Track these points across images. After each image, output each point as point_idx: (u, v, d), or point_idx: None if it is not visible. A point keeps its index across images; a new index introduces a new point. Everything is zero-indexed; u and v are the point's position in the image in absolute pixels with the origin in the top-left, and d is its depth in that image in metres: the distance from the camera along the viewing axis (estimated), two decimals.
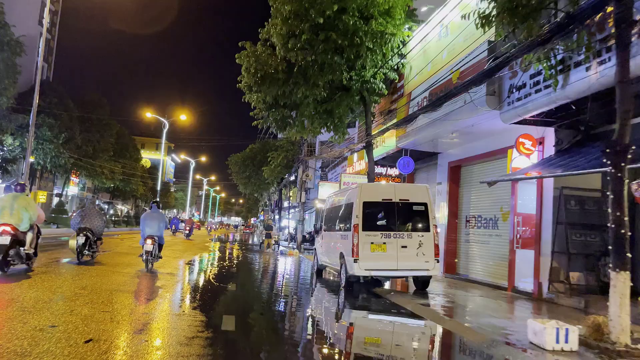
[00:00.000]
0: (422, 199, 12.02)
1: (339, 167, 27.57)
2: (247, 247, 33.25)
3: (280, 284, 14.01)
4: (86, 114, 47.47)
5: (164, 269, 13.82)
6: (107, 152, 51.24)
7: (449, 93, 11.69)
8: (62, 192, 51.52)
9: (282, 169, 35.67)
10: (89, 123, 48.03)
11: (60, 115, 42.51)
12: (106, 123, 50.12)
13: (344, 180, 20.57)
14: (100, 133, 49.39)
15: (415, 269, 11.68)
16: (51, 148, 41.88)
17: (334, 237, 13.69)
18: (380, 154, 19.14)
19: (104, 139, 50.13)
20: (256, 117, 18.31)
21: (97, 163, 49.92)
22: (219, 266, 18.16)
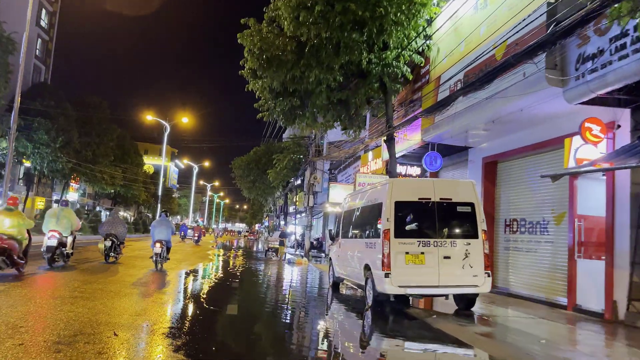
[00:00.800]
0: (468, 198, 9.60)
1: (351, 168, 25.15)
2: (251, 254, 30.81)
3: (290, 304, 11.55)
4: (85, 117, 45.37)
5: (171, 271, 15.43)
6: (108, 157, 49.03)
7: (498, 67, 9.30)
8: (61, 197, 49.13)
9: (288, 172, 33.28)
10: (88, 127, 45.88)
11: (57, 118, 40.34)
12: (106, 127, 47.97)
13: (359, 180, 18.19)
14: (100, 137, 47.21)
15: (462, 285, 9.24)
16: (48, 152, 39.66)
17: (356, 246, 11.27)
18: (400, 151, 16.74)
19: (104, 144, 47.94)
20: (261, 109, 15.95)
21: (97, 168, 47.69)
22: (219, 280, 15.73)
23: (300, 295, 12.82)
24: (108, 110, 48.69)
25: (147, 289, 10.77)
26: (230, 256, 27.27)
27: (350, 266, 11.61)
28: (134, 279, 12.34)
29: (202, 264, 19.36)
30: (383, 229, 9.24)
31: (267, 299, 11.74)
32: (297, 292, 13.43)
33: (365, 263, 10.12)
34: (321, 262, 24.74)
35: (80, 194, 56.19)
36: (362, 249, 10.51)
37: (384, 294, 9.34)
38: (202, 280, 14.68)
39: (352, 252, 11.52)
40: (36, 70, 45.15)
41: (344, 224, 12.64)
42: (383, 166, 19.10)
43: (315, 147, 29.17)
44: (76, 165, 44.92)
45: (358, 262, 10.73)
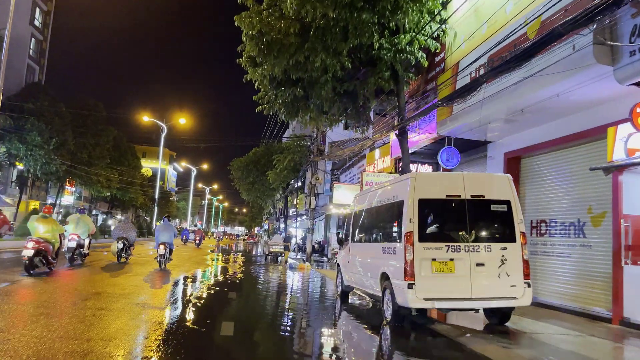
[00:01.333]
0: (503, 195, 8.16)
1: (355, 168, 23.72)
2: (250, 259, 29.31)
3: (294, 319, 10.09)
4: (80, 118, 43.94)
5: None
6: (104, 159, 47.56)
7: (542, 39, 7.88)
8: (55, 201, 47.65)
9: (288, 173, 31.80)
10: (83, 128, 44.41)
11: (51, 119, 38.90)
12: (102, 128, 46.50)
13: (367, 179, 16.74)
14: (95, 139, 45.77)
15: (498, 297, 7.80)
16: (41, 154, 38.16)
17: (370, 251, 9.82)
18: (409, 148, 15.35)
19: (100, 145, 46.47)
20: (260, 102, 14.52)
21: (93, 170, 46.20)
22: (216, 288, 14.27)
23: (305, 307, 11.34)
24: (104, 112, 47.25)
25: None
26: (230, 261, 25.79)
27: (362, 274, 10.15)
28: (142, 275, 14.19)
29: (200, 270, 17.89)
30: (405, 232, 7.79)
31: (268, 312, 10.26)
32: (301, 303, 11.95)
33: (383, 271, 8.67)
34: (323, 267, 23.27)
35: (76, 197, 54.68)
36: (378, 255, 9.06)
37: (405, 308, 7.88)
38: (198, 288, 13.20)
39: (365, 258, 10.07)
40: (30, 70, 43.72)
41: (354, 227, 11.18)
42: (391, 164, 17.68)
43: (317, 147, 27.76)
44: (71, 167, 43.50)
45: (373, 270, 9.28)
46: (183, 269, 17.56)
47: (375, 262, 9.23)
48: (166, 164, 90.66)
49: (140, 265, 17.08)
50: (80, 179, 46.59)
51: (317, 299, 12.56)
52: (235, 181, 39.46)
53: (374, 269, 9.20)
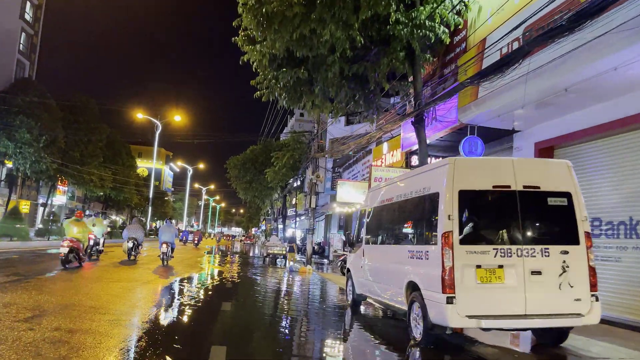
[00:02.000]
0: (563, 185, 6.52)
1: (359, 164, 22.06)
2: (247, 261, 27.60)
3: (299, 336, 8.40)
4: (72, 115, 42.20)
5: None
6: (97, 157, 45.75)
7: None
8: (47, 201, 45.81)
9: (287, 171, 30.12)
10: (75, 126, 42.66)
11: (41, 116, 37.12)
12: (95, 126, 44.69)
13: (376, 175, 15.10)
14: (88, 137, 43.96)
15: (559, 314, 6.15)
16: (31, 152, 36.35)
17: (391, 255, 8.14)
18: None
19: (92, 144, 44.70)
20: (259, 87, 12.84)
21: (85, 169, 44.38)
22: (209, 294, 12.58)
23: (311, 321, 9.66)
24: (97, 109, 45.50)
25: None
26: (226, 262, 24.09)
27: (381, 282, 8.48)
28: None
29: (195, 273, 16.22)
30: (442, 232, 6.13)
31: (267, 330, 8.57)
32: (306, 316, 10.27)
33: (409, 280, 7.01)
34: (325, 270, 21.59)
35: (69, 197, 52.81)
36: (403, 260, 7.39)
37: (442, 327, 6.22)
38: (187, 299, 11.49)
39: (385, 263, 8.39)
40: (19, 65, 41.91)
41: (368, 227, 9.51)
42: (402, 158, 16.04)
43: (318, 143, 26.12)
44: (62, 166, 41.73)
45: (395, 278, 7.62)
46: (180, 269, 17.61)
47: (398, 268, 7.57)
48: (162, 164, 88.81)
49: (147, 263, 18.78)
50: (72, 178, 44.79)
51: (324, 309, 10.87)
52: (231, 180, 37.65)
53: (397, 277, 7.54)
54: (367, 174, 20.64)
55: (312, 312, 10.38)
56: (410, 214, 7.49)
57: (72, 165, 42.67)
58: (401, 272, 7.39)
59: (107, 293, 9.97)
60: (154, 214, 66.43)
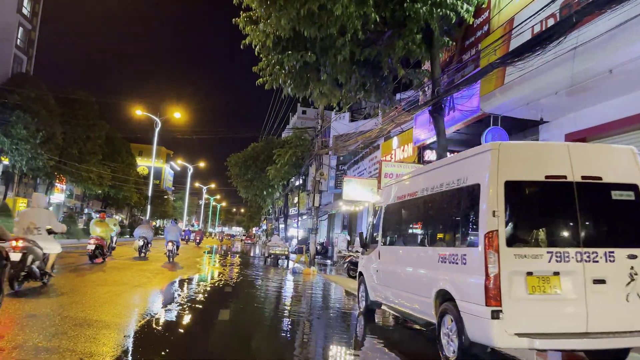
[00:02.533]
0: (628, 177, 5.40)
1: (366, 161, 20.94)
2: (248, 261, 26.47)
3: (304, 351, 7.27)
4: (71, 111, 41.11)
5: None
6: (96, 155, 44.66)
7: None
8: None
9: (290, 169, 29.00)
10: (74, 122, 41.59)
11: (38, 112, 36.08)
12: (94, 123, 43.56)
13: (387, 171, 13.98)
14: (86, 134, 42.86)
15: (629, 331, 5.02)
16: (27, 148, 35.34)
17: (416, 258, 7.00)
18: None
19: (92, 141, 43.61)
20: (262, 74, 11.72)
21: (84, 167, 43.30)
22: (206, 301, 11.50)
23: (319, 332, 8.53)
24: (96, 106, 44.37)
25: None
26: (227, 263, 22.97)
27: (401, 289, 7.34)
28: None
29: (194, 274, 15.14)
30: (486, 231, 5.01)
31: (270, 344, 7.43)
32: (313, 326, 9.14)
33: (440, 289, 5.89)
34: (328, 271, 20.45)
35: (67, 195, 51.68)
36: (431, 264, 6.27)
37: (481, 345, 5.10)
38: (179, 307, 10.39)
39: (406, 267, 7.24)
40: (17, 60, 40.85)
41: (385, 225, 8.36)
42: (414, 153, 14.93)
43: (321, 139, 25.03)
44: (60, 163, 40.68)
45: (421, 285, 6.51)
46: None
47: (425, 274, 6.45)
48: (163, 162, 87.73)
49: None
50: (70, 175, 43.74)
51: (332, 318, 9.73)
52: (232, 178, 36.48)
53: (423, 283, 6.42)
54: (374, 170, 19.53)
55: (319, 322, 9.25)
56: (441, 210, 6.36)
57: (70, 162, 41.64)
58: (429, 278, 6.27)
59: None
60: (154, 212, 65.36)
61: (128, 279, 12.50)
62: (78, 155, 42.47)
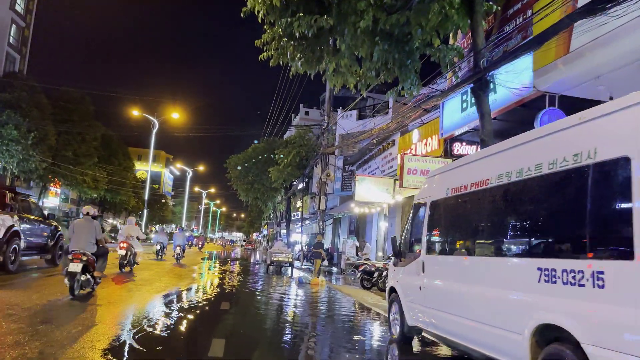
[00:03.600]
0: None
1: (379, 159, 18.86)
2: (248, 269, 24.34)
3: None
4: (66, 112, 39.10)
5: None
6: (91, 157, 42.52)
7: None
8: (38, 203, 42.48)
9: (293, 170, 26.95)
10: (69, 123, 39.56)
11: (29, 112, 34.08)
12: (89, 124, 41.53)
13: (410, 165, 11.98)
14: (81, 135, 40.80)
15: None
16: (18, 149, 33.26)
17: (496, 274, 4.80)
18: (464, 123, 10.70)
19: (86, 143, 41.50)
20: (265, 49, 9.66)
21: (78, 170, 41.21)
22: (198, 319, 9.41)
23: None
24: (92, 106, 42.34)
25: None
26: (227, 271, 20.88)
27: (466, 316, 5.22)
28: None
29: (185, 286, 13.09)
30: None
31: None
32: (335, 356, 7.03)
33: (544, 323, 3.83)
34: (335, 281, 18.31)
35: (62, 199, 49.57)
36: (525, 284, 4.19)
37: None
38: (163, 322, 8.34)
39: (476, 285, 5.11)
40: (9, 59, 38.89)
41: (434, 226, 6.27)
42: (439, 147, 12.89)
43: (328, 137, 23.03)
44: (53, 165, 38.63)
45: (505, 315, 4.44)
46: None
47: (513, 297, 4.37)
48: (162, 167, 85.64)
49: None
50: (65, 178, 41.66)
51: (357, 346, 7.61)
52: (232, 181, 34.37)
53: (510, 312, 4.36)
54: (388, 169, 17.49)
55: (342, 352, 7.12)
56: (542, 202, 4.26)
57: (64, 164, 39.60)
58: (520, 305, 4.21)
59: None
60: (152, 217, 63.27)
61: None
62: (72, 157, 40.42)
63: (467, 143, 12.14)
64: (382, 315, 10.12)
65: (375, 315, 10.22)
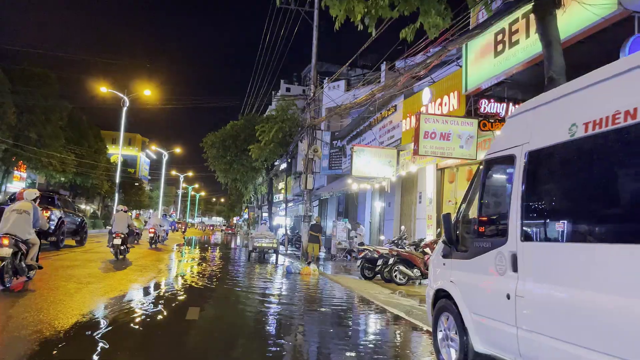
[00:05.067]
0: None
1: (375, 130, 16.12)
2: (229, 256, 21.70)
3: None
4: (27, 90, 35.38)
5: None
6: (58, 139, 38.84)
7: None
8: (0, 188, 38.80)
9: (275, 147, 24.13)
10: (31, 101, 35.88)
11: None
12: (54, 103, 37.75)
13: (428, 128, 9.39)
14: (46, 115, 37.10)
15: None
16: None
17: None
18: (495, 75, 8.17)
19: (52, 123, 37.78)
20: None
21: (44, 152, 37.60)
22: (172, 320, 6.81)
23: None
24: (57, 85, 38.55)
25: None
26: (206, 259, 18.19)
27: (620, 357, 2.66)
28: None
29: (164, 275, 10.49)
30: None
31: None
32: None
33: None
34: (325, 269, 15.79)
35: (28, 184, 45.77)
36: None
37: None
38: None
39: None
40: None
41: (534, 193, 3.67)
42: (460, 105, 10.34)
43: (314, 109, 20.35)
44: (16, 147, 35.05)
45: None
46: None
47: None
48: (138, 150, 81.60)
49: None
50: (29, 161, 38.05)
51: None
52: (209, 161, 31.29)
53: None
54: (388, 139, 14.89)
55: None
56: None
57: (27, 146, 36.01)
58: None
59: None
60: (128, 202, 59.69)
61: None
62: (36, 139, 36.80)
63: (496, 100, 9.63)
64: (404, 320, 7.62)
65: (394, 320, 7.69)
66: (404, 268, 11.25)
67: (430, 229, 12.83)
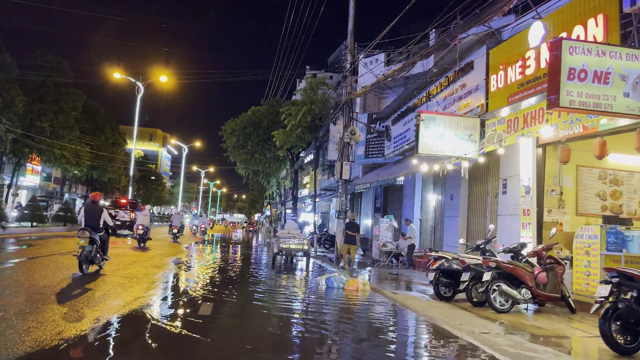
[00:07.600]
0: None
1: (440, 99, 12.03)
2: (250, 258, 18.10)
3: None
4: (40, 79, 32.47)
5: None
6: (71, 129, 35.80)
7: None
8: (11, 181, 35.93)
9: (303, 132, 20.43)
10: (42, 90, 32.99)
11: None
12: (67, 91, 34.71)
13: (573, 62, 5.55)
14: (58, 104, 34.06)
15: None
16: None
17: None
18: None
19: (64, 113, 34.72)
20: None
21: (57, 143, 34.60)
22: None
23: None
24: (70, 72, 35.45)
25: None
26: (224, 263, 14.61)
27: None
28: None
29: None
30: None
31: None
32: None
33: None
34: (370, 277, 11.98)
35: (44, 178, 43.04)
36: None
37: None
38: None
39: None
40: None
41: None
42: (610, 35, 6.42)
43: (351, 82, 16.56)
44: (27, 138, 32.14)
45: None
46: None
47: None
48: (159, 146, 78.95)
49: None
50: (42, 153, 35.14)
51: None
52: (229, 151, 27.68)
53: None
54: (459, 109, 10.92)
55: None
56: None
57: (39, 137, 33.08)
58: None
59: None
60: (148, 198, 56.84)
61: None
62: (49, 129, 33.84)
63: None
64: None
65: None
66: (507, 287, 7.38)
67: (528, 229, 8.87)
